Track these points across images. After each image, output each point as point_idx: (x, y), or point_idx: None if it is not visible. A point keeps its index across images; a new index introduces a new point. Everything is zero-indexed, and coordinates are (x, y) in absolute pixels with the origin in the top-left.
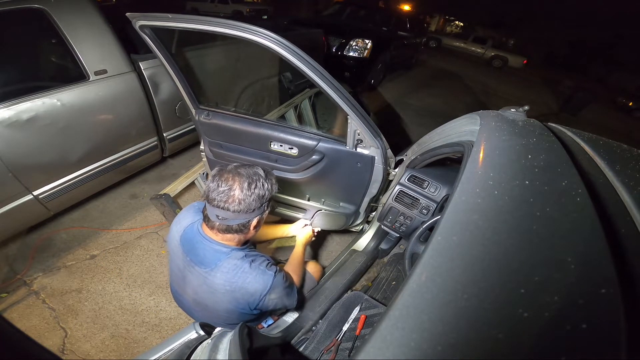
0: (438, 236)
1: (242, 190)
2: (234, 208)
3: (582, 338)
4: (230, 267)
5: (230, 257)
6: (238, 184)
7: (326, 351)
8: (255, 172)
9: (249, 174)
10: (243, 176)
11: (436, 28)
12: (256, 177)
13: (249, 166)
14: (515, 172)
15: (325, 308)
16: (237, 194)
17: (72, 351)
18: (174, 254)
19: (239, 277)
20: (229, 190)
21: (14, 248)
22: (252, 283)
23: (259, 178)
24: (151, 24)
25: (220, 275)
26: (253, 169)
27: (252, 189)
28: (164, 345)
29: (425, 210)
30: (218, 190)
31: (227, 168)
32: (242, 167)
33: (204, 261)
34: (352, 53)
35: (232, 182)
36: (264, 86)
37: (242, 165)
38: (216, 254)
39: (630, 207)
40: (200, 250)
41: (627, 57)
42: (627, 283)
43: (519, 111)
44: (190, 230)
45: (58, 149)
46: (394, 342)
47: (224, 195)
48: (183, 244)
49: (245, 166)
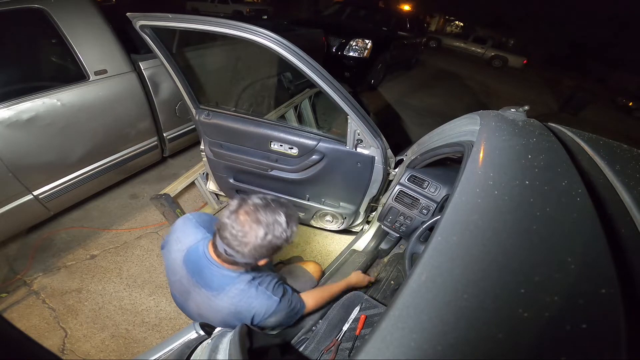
0: (438, 236)
1: (256, 239)
2: (244, 253)
3: (582, 338)
4: (237, 292)
5: (238, 282)
6: (254, 233)
7: (326, 351)
8: (275, 220)
9: (268, 222)
10: (261, 224)
11: (436, 28)
12: (276, 226)
13: (272, 209)
14: (515, 172)
15: (325, 308)
16: (251, 241)
17: (72, 351)
18: (175, 271)
19: (244, 301)
20: (242, 236)
21: (14, 248)
22: (256, 307)
23: (278, 228)
24: (151, 24)
25: (227, 299)
26: (275, 214)
27: (267, 239)
28: (164, 345)
29: (425, 210)
30: (231, 231)
31: (248, 206)
32: (264, 210)
33: (211, 285)
34: (352, 53)
35: (247, 228)
36: (264, 86)
37: (265, 205)
38: (224, 279)
39: (630, 207)
40: (207, 274)
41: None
42: (627, 283)
43: (519, 111)
44: (195, 252)
45: (58, 149)
46: (394, 342)
47: (234, 239)
48: (187, 265)
49: (267, 209)
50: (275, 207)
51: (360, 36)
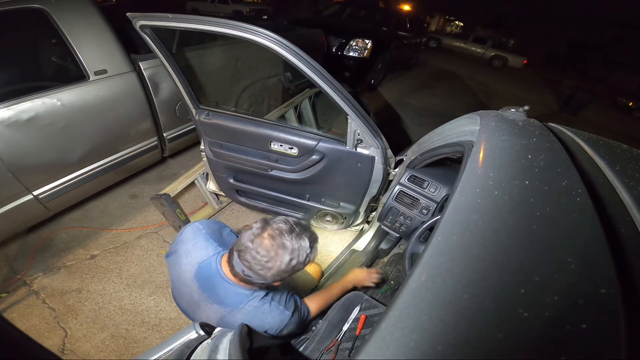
0: (438, 236)
1: (281, 264)
2: (265, 276)
3: (582, 338)
4: (251, 309)
5: (252, 300)
6: (279, 258)
7: (326, 351)
8: (301, 246)
9: (293, 247)
10: (287, 250)
11: (436, 28)
12: (301, 252)
13: (297, 234)
14: (515, 172)
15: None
16: (275, 266)
17: (72, 351)
18: (185, 283)
19: (258, 317)
20: (267, 262)
21: (14, 248)
22: (269, 322)
23: (303, 253)
24: (151, 24)
25: (240, 316)
26: (300, 239)
27: (292, 264)
28: (164, 345)
29: (425, 210)
30: (254, 255)
31: (273, 230)
32: (289, 236)
33: (225, 302)
34: (352, 53)
35: (273, 253)
36: (264, 86)
37: (290, 230)
38: (238, 297)
39: (630, 207)
40: (220, 291)
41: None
42: (627, 283)
43: (519, 111)
44: (207, 268)
45: (58, 149)
46: (394, 342)
47: (257, 264)
48: (199, 280)
49: (293, 234)
50: (300, 231)
51: (360, 36)
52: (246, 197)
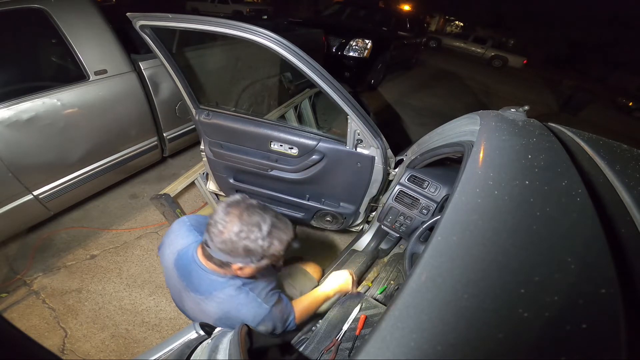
0: (438, 236)
1: (230, 233)
2: (217, 244)
3: (582, 338)
4: (225, 298)
5: (226, 288)
6: (231, 226)
7: (326, 351)
8: (256, 223)
9: (247, 222)
10: (241, 221)
11: (436, 28)
12: (254, 229)
13: (261, 215)
14: (515, 172)
15: (325, 308)
16: (226, 233)
17: (72, 351)
18: (169, 274)
19: (233, 307)
20: (222, 227)
21: (14, 248)
22: (244, 313)
23: (256, 232)
24: (151, 24)
25: (215, 304)
26: (261, 218)
27: (241, 237)
28: (164, 345)
29: (425, 210)
30: (215, 219)
31: (243, 202)
32: (252, 211)
33: (199, 289)
34: (352, 53)
35: (229, 220)
36: (264, 86)
37: (257, 207)
38: (212, 284)
39: (630, 207)
40: (195, 278)
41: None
42: (627, 283)
43: (519, 111)
44: (185, 255)
45: (58, 149)
46: (394, 342)
47: (215, 228)
48: (178, 268)
49: (258, 211)
50: (266, 215)
51: (360, 36)
52: None
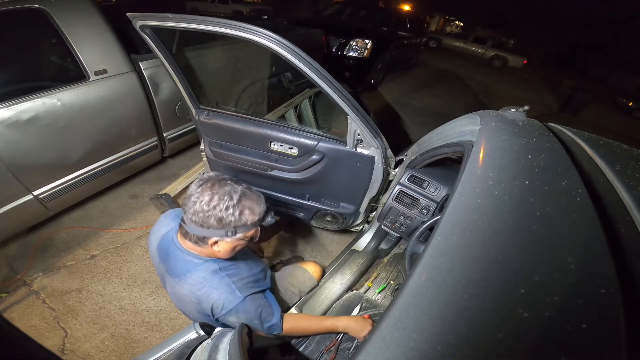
0: (438, 236)
1: (201, 203)
2: (190, 216)
3: (582, 338)
4: (198, 280)
5: (200, 270)
6: (202, 197)
7: (326, 351)
8: (227, 192)
9: (220, 191)
10: (211, 191)
11: (436, 28)
12: (225, 197)
13: (234, 185)
14: (515, 172)
15: (325, 308)
16: (197, 204)
17: (72, 351)
18: (154, 261)
19: (204, 291)
20: (195, 199)
21: (14, 248)
22: (214, 298)
23: (225, 201)
24: (151, 24)
25: (187, 286)
26: (232, 189)
27: (211, 206)
28: (164, 345)
29: (425, 210)
30: (190, 193)
31: (216, 177)
32: (224, 183)
33: (175, 271)
34: (352, 53)
35: (201, 191)
36: (264, 86)
37: (230, 181)
38: (186, 265)
39: (630, 207)
40: (172, 259)
41: (627, 57)
42: (627, 283)
43: (519, 111)
44: (166, 238)
45: (58, 149)
46: (394, 342)
47: (189, 201)
48: (159, 252)
49: (230, 184)
50: (237, 186)
51: (360, 36)
52: None
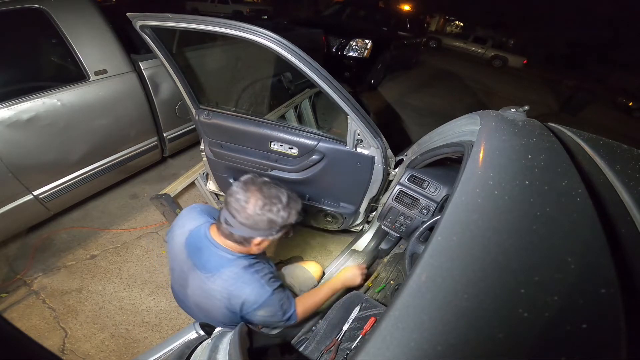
0: (438, 236)
1: (254, 207)
2: (241, 220)
3: (582, 338)
4: (231, 275)
5: (233, 265)
6: (254, 200)
7: (326, 351)
8: (276, 196)
9: (269, 194)
10: (263, 195)
11: (436, 28)
12: (275, 201)
13: (277, 187)
14: (515, 172)
15: (324, 308)
16: (249, 208)
17: (72, 351)
18: (177, 256)
19: (237, 286)
20: (245, 202)
21: (14, 248)
22: (247, 293)
23: (277, 203)
24: (151, 24)
25: (220, 282)
26: (278, 191)
27: (265, 210)
28: (164, 345)
29: (425, 210)
30: (236, 197)
31: (257, 180)
32: (269, 186)
33: (207, 266)
34: (352, 53)
35: (250, 195)
36: (264, 86)
37: (271, 183)
38: (220, 260)
39: (630, 207)
40: (205, 254)
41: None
42: (627, 283)
43: (519, 111)
44: (197, 233)
45: (58, 149)
46: (394, 342)
47: (237, 204)
48: (188, 247)
49: (273, 186)
50: (281, 188)
51: (360, 36)
52: None
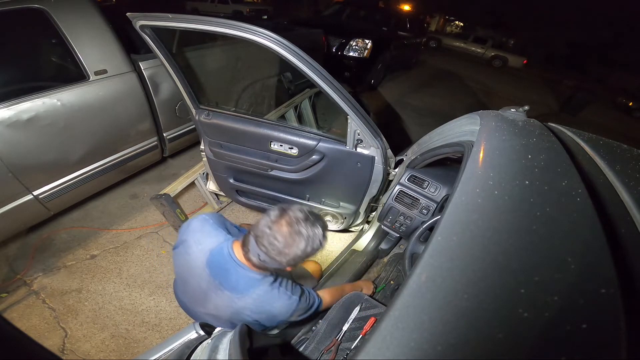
0: (438, 236)
1: (297, 249)
2: (281, 261)
3: (582, 338)
4: (261, 294)
5: (262, 284)
6: (296, 245)
7: (326, 351)
8: (315, 234)
9: (309, 234)
10: (302, 236)
11: (436, 28)
12: (315, 238)
13: (312, 222)
14: (515, 172)
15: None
16: (291, 252)
17: (72, 351)
18: (194, 273)
19: (267, 303)
20: (284, 247)
21: (14, 248)
22: (278, 308)
23: (317, 240)
24: (151, 24)
25: (251, 301)
26: (314, 227)
27: (307, 250)
28: (164, 345)
29: (425, 210)
30: (271, 241)
31: (290, 218)
32: (305, 223)
33: (237, 288)
34: (352, 53)
35: (290, 240)
36: (264, 86)
37: (305, 218)
38: (250, 281)
39: (630, 207)
40: (233, 276)
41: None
42: (627, 283)
43: (519, 111)
44: (219, 254)
45: (58, 149)
46: (394, 342)
47: (273, 249)
48: (210, 267)
49: (308, 222)
50: (314, 219)
51: (360, 36)
52: (246, 197)
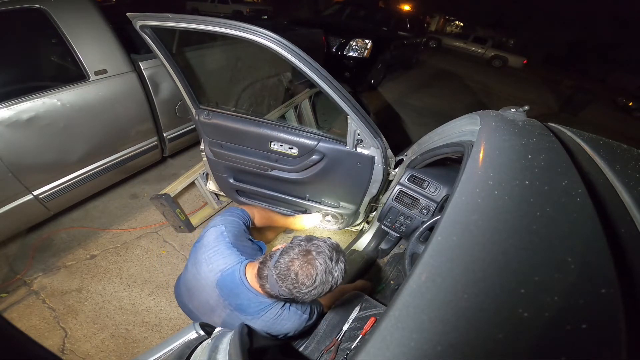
0: (438, 236)
1: (322, 291)
2: (302, 298)
3: (582, 338)
4: (272, 316)
5: (273, 307)
6: (322, 287)
7: (326, 351)
8: (340, 272)
9: (334, 275)
10: (331, 276)
11: (436, 28)
12: (340, 276)
13: (336, 261)
14: (515, 172)
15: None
16: (317, 292)
17: (72, 351)
18: (202, 289)
19: (278, 323)
20: (308, 290)
21: (14, 248)
22: (288, 327)
23: (341, 277)
24: (151, 24)
25: (262, 322)
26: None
27: (324, 287)
28: (164, 345)
29: (425, 210)
30: (297, 285)
31: (314, 259)
32: (331, 264)
33: (248, 310)
34: (352, 53)
35: (318, 282)
36: (264, 86)
37: (331, 257)
38: (261, 306)
39: (630, 207)
40: (244, 300)
41: (627, 57)
42: (627, 283)
43: (519, 111)
44: (231, 277)
45: (58, 149)
46: (394, 342)
47: (298, 291)
48: (220, 288)
49: (332, 261)
50: (337, 256)
51: (360, 36)
52: (246, 197)
